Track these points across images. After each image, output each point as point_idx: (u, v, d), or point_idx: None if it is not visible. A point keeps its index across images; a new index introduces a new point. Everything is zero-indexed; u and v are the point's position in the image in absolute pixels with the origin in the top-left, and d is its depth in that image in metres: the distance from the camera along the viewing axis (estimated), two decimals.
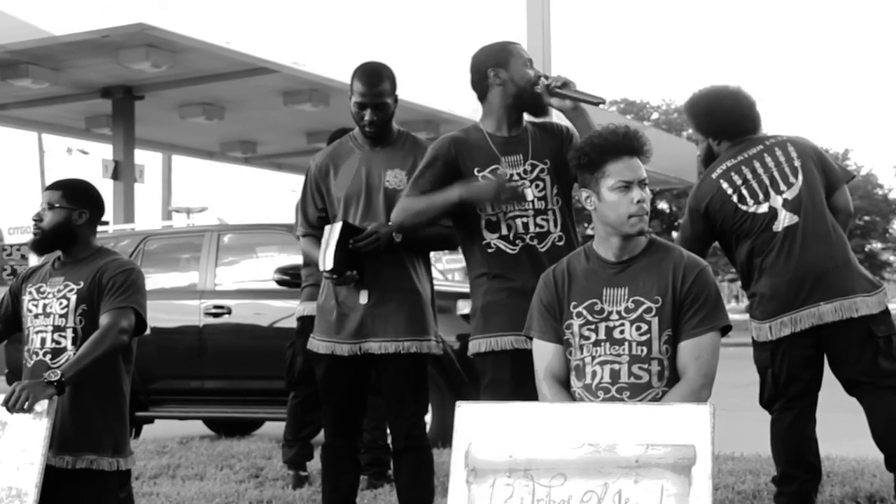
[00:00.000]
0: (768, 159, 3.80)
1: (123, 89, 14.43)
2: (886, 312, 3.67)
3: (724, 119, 3.91)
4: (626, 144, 2.80)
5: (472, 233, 3.35)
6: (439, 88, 15.16)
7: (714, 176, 3.86)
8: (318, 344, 3.65)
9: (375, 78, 3.54)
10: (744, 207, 3.78)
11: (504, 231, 3.30)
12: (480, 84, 3.37)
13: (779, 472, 3.84)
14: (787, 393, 3.76)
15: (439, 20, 15.71)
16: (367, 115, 3.54)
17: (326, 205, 3.68)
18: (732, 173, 3.82)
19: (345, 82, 3.87)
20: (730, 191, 3.81)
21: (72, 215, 3.55)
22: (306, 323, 5.03)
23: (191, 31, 11.87)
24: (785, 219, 3.72)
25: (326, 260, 3.42)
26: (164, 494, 4.92)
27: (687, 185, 27.41)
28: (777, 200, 3.74)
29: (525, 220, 3.30)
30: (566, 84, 3.29)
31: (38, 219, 3.54)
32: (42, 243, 3.56)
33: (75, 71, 13.35)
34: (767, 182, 3.77)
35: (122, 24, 11.39)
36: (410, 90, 14.34)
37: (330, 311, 3.62)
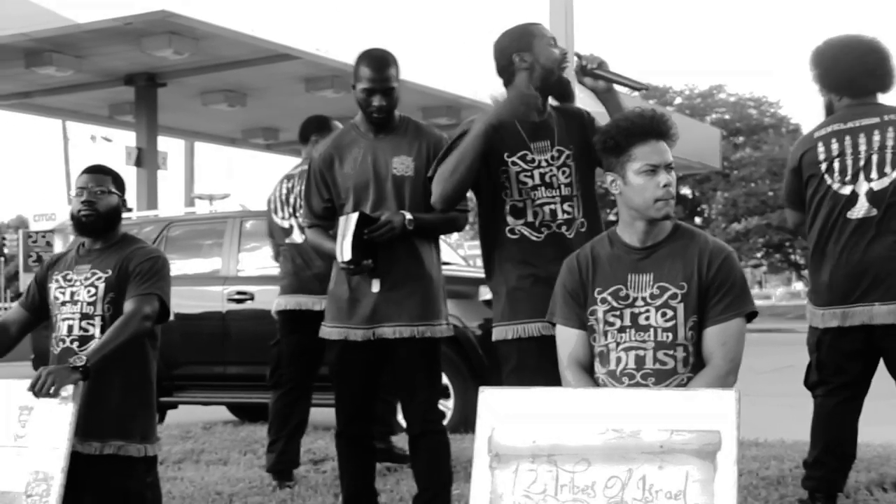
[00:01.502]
0: (876, 137, 3.58)
1: (146, 76, 14.47)
2: None
3: (843, 74, 3.68)
4: (653, 128, 2.78)
5: (495, 218, 3.33)
6: (461, 74, 15.10)
7: (816, 136, 3.70)
8: (330, 331, 3.66)
9: (383, 63, 3.53)
10: (828, 181, 3.64)
11: (530, 218, 3.27)
12: (506, 70, 3.31)
13: (812, 456, 3.78)
14: (833, 381, 3.70)
15: (461, 5, 15.66)
16: (376, 100, 3.52)
17: (333, 195, 3.67)
18: (833, 140, 3.65)
19: None
20: (822, 156, 3.65)
21: (119, 201, 3.61)
22: (289, 318, 5.01)
23: (213, 17, 11.88)
24: (863, 209, 3.57)
25: (344, 251, 3.43)
26: (189, 479, 4.95)
27: (710, 170, 27.22)
28: (863, 187, 3.58)
29: (553, 206, 3.27)
30: (601, 64, 3.25)
31: (92, 201, 3.54)
32: (94, 226, 3.56)
33: (98, 58, 13.40)
34: (862, 163, 3.58)
35: (144, 12, 11.41)
36: (432, 76, 14.32)
37: (341, 298, 3.62)
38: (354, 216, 3.45)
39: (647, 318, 2.76)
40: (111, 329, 3.37)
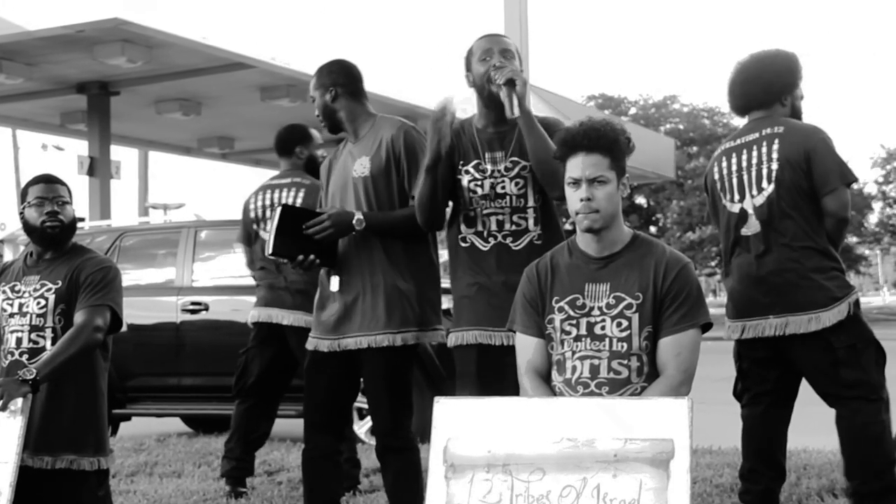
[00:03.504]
0: (754, 154, 3.66)
1: (99, 85, 14.30)
2: (850, 321, 3.53)
3: (731, 94, 3.81)
4: (577, 141, 2.81)
5: (454, 225, 3.39)
6: (417, 83, 15.11)
7: (715, 154, 3.82)
8: (308, 340, 3.66)
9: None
10: (722, 200, 3.75)
11: (479, 227, 3.32)
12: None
13: (745, 468, 3.80)
14: (755, 389, 3.76)
15: (417, 15, 15.67)
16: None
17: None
18: (724, 158, 3.74)
19: None
20: (717, 176, 3.76)
21: (74, 211, 3.62)
22: (262, 330, 4.95)
23: (167, 26, 11.78)
24: (752, 226, 3.64)
25: (268, 244, 3.47)
26: (142, 492, 4.89)
27: (664, 179, 27.50)
28: (749, 204, 3.65)
29: (500, 217, 3.30)
30: (510, 82, 3.14)
31: (57, 211, 3.54)
32: (60, 237, 3.57)
33: (50, 66, 13.23)
34: (745, 181, 3.66)
35: (97, 19, 11.28)
36: (388, 85, 14.31)
37: (315, 306, 3.63)
38: (279, 210, 3.49)
39: (603, 328, 2.78)
40: (61, 341, 3.33)
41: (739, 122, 3.86)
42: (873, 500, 3.53)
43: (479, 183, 3.31)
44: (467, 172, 3.32)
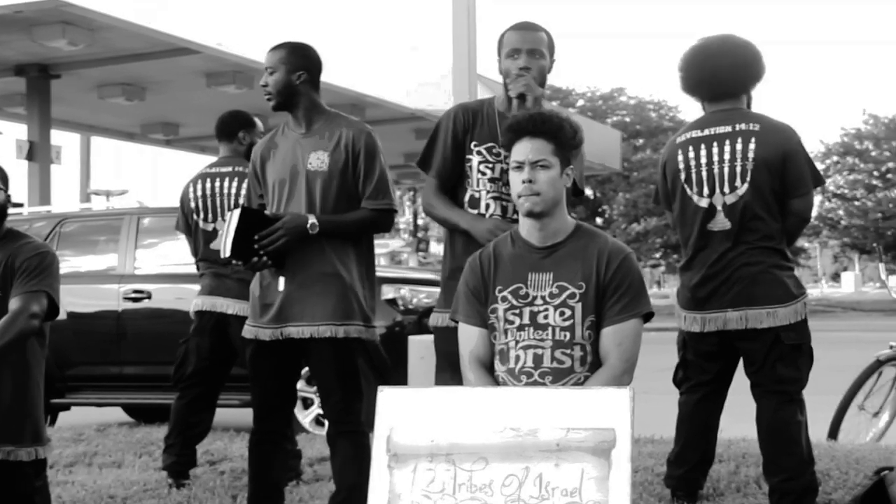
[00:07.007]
0: (727, 149, 3.62)
1: (38, 67, 14.01)
2: (800, 322, 3.63)
3: (694, 77, 3.72)
4: (522, 126, 2.85)
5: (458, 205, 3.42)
6: (365, 72, 15.04)
7: (677, 142, 3.76)
8: (245, 329, 3.64)
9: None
10: (688, 192, 3.72)
11: (482, 209, 3.37)
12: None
13: (673, 452, 3.90)
14: (695, 379, 3.84)
15: (364, 2, 15.60)
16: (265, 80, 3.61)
17: (263, 191, 3.67)
18: (690, 147, 3.70)
19: None
20: (681, 166, 3.72)
21: (5, 198, 3.52)
22: (204, 318, 4.88)
23: (109, 8, 11.56)
24: (720, 222, 3.64)
25: (225, 247, 3.41)
26: (80, 483, 4.81)
27: (611, 171, 27.72)
28: (718, 200, 3.65)
29: (505, 203, 3.36)
30: (521, 97, 3.32)
31: None
32: None
33: None
34: (716, 176, 3.63)
35: (36, 0, 11.05)
36: (336, 74, 14.20)
37: (254, 296, 3.62)
38: (237, 212, 3.43)
39: (546, 317, 2.79)
40: None
41: (687, 115, 3.88)
42: (794, 497, 3.61)
43: (491, 166, 3.35)
44: (479, 153, 3.37)
